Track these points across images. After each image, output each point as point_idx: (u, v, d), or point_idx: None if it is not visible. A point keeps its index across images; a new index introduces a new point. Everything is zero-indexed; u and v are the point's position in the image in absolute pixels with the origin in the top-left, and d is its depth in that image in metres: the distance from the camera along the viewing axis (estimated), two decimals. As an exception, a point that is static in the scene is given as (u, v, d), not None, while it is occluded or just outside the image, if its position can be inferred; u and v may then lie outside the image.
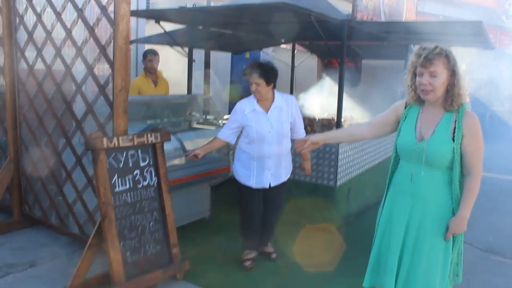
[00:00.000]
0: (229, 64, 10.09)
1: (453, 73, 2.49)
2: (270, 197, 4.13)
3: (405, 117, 2.72)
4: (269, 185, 4.03)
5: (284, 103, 4.01)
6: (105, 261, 3.71)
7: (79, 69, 4.06)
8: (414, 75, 2.58)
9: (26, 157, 4.67)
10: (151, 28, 7.28)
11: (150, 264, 3.64)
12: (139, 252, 3.59)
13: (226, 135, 4.02)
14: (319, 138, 2.98)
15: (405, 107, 2.74)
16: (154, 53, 6.13)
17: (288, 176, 4.20)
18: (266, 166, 3.98)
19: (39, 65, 4.36)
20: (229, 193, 5.49)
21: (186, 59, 6.53)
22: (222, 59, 9.43)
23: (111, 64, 3.61)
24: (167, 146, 4.10)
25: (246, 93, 4.11)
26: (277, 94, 4.02)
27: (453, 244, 2.60)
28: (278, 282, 3.93)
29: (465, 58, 2.57)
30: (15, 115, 4.65)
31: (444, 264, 2.60)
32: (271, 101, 3.98)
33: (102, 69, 3.91)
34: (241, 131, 4.03)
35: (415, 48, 7.95)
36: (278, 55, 10.09)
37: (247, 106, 3.98)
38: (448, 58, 2.47)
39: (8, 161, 4.69)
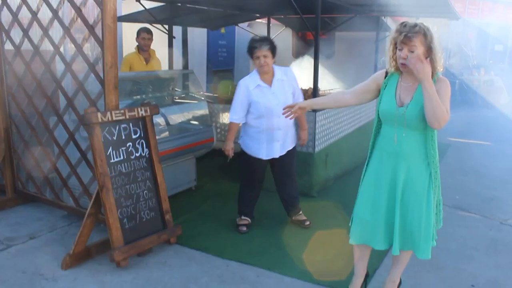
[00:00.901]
0: (205, 39, 10.24)
1: (429, 48, 2.76)
2: (279, 165, 4.37)
3: (386, 86, 2.98)
4: (279, 155, 4.27)
5: (284, 76, 4.20)
6: (99, 232, 4.02)
7: (67, 48, 4.24)
8: (395, 47, 2.85)
9: (16, 135, 4.83)
10: (127, 6, 7.37)
11: (146, 229, 3.90)
12: (135, 219, 3.84)
13: (240, 116, 4.19)
14: (306, 103, 3.25)
15: (385, 77, 3.02)
16: (148, 31, 6.22)
17: (294, 144, 4.44)
18: (275, 138, 4.20)
19: (26, 46, 4.50)
20: (213, 164, 5.77)
21: (162, 36, 6.69)
22: (198, 35, 9.58)
23: (100, 43, 3.78)
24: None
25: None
26: (276, 68, 4.20)
27: (432, 195, 2.91)
28: (264, 242, 4.23)
29: (435, 29, 2.82)
30: (3, 95, 4.79)
31: (428, 212, 2.92)
32: (272, 75, 4.16)
33: (89, 48, 4.09)
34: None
35: (385, 20, 8.26)
36: (254, 29, 10.27)
37: (251, 82, 4.14)
38: (425, 36, 2.74)
39: (-2, 141, 4.85)
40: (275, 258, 3.91)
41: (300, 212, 4.61)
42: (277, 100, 4.12)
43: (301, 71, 7.21)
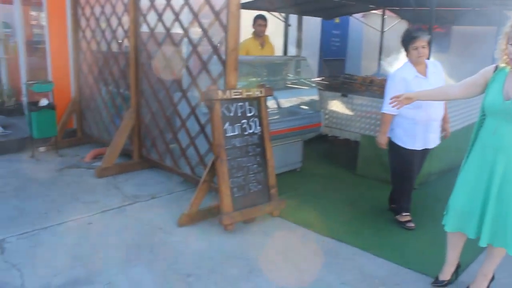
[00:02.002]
0: (319, 28, 10.45)
1: None
2: (422, 157, 4.43)
3: (493, 80, 3.01)
4: (433, 146, 4.32)
5: (435, 68, 4.21)
6: (211, 199, 4.47)
7: (193, 32, 4.71)
8: (508, 41, 2.87)
9: (145, 108, 5.45)
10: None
11: (253, 200, 4.28)
12: (244, 189, 4.24)
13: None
14: (413, 95, 3.36)
15: (494, 71, 3.04)
16: (263, 18, 6.67)
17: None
18: (431, 129, 4.23)
19: (159, 29, 5.06)
20: (319, 148, 6.02)
21: (278, 23, 7.01)
22: (312, 24, 9.82)
23: (225, 28, 4.19)
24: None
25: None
26: (426, 61, 4.20)
27: None
28: (361, 225, 4.42)
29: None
30: (137, 72, 5.42)
31: None
32: (425, 66, 4.17)
33: (213, 32, 4.52)
34: None
35: (508, 14, 7.88)
36: (368, 20, 10.30)
37: (408, 73, 4.12)
38: None
39: (130, 111, 5.51)
40: (370, 241, 4.10)
41: None
42: None
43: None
